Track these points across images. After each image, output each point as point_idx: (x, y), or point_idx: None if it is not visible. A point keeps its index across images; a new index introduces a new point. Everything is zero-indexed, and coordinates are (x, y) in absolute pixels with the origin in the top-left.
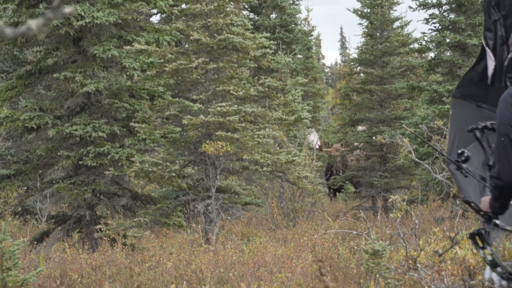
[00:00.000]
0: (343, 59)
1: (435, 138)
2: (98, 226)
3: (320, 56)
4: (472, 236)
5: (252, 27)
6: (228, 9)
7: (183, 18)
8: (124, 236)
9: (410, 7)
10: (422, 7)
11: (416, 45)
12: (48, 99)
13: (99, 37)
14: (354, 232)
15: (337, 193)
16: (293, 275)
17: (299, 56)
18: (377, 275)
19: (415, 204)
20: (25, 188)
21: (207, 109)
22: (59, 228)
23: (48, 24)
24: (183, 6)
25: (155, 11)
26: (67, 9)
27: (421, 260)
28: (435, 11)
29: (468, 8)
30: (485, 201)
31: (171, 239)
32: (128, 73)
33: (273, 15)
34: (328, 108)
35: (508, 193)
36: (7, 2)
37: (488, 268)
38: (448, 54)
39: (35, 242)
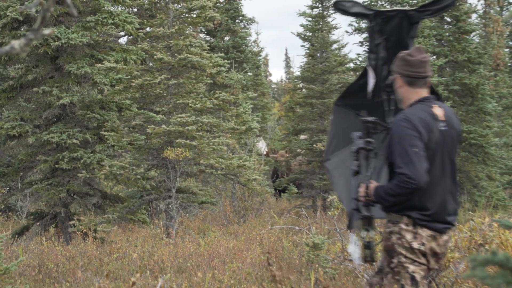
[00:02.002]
0: (288, 76)
1: None
2: (72, 222)
3: (268, 73)
4: (363, 218)
5: (208, 48)
6: (187, 32)
7: (148, 39)
8: (95, 231)
9: (346, 32)
10: (357, 32)
11: (351, 65)
12: (28, 110)
13: (73, 56)
14: (297, 228)
15: (282, 194)
16: (244, 265)
17: (249, 73)
18: (317, 265)
19: None
20: (8, 188)
21: (168, 119)
22: (38, 223)
23: (29, 44)
24: (148, 29)
25: (123, 33)
26: (46, 31)
27: None
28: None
29: None
30: (371, 188)
31: (136, 234)
32: (99, 87)
33: (227, 38)
34: (275, 119)
35: (413, 195)
36: None
37: (352, 245)
38: None
39: (16, 236)
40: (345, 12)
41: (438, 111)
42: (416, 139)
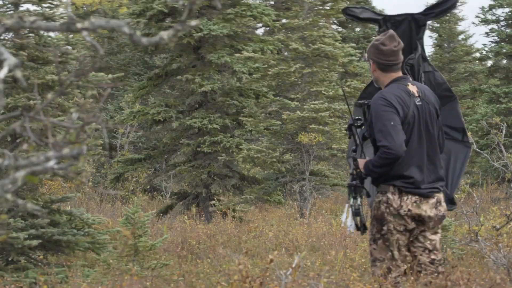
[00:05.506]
0: None
1: (493, 132)
2: (212, 202)
3: None
4: (350, 186)
5: (340, 38)
6: (320, 23)
7: (284, 30)
8: (234, 210)
9: (473, 23)
10: (483, 23)
11: (477, 54)
12: (173, 97)
13: (214, 46)
14: None
15: None
16: None
17: None
18: (444, 246)
19: (476, 187)
20: (153, 169)
21: (302, 106)
22: (180, 203)
23: (177, 35)
24: (284, 21)
25: (260, 25)
26: (193, 22)
27: (481, 234)
28: (494, 26)
29: None
30: (361, 163)
31: (272, 213)
32: (237, 76)
33: (358, 29)
34: None
35: (393, 164)
36: (140, 17)
37: (345, 214)
38: (505, 62)
39: (161, 214)
40: (356, 17)
41: (412, 88)
42: (392, 114)
